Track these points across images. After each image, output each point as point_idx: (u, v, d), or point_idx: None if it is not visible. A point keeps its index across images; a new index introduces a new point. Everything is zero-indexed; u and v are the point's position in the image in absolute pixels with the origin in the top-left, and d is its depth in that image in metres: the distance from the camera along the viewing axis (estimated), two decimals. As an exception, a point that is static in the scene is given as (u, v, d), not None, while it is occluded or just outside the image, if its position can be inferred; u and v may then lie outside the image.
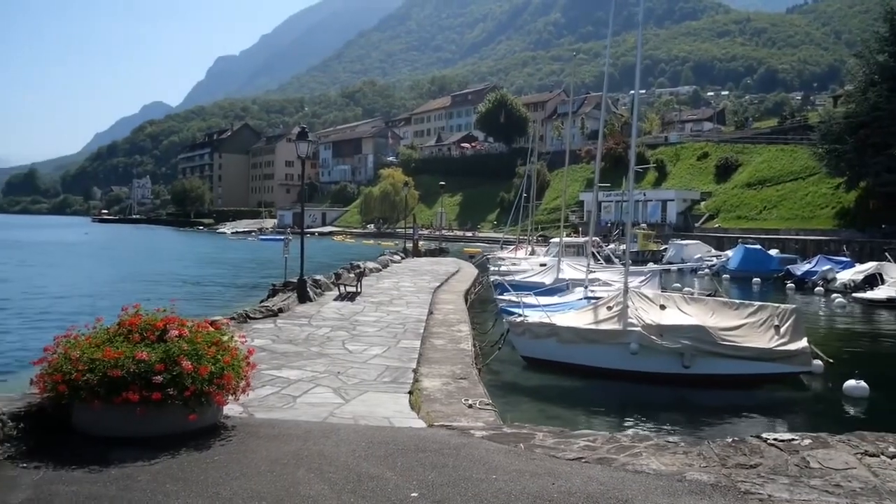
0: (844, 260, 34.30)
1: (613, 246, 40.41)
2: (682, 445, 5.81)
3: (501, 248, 44.70)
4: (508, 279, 22.37)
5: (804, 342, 12.63)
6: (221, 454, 5.37)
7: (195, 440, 5.57)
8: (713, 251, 44.26)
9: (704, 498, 4.59)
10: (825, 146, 47.52)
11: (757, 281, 34.35)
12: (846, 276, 30.82)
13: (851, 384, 12.11)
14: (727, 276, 36.35)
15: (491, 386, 10.68)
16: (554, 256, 28.03)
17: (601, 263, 26.46)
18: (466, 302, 20.47)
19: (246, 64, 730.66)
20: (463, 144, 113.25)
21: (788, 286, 32.77)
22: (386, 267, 29.83)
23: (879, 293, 27.23)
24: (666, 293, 16.83)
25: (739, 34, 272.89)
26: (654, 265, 31.34)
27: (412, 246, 42.51)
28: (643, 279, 20.62)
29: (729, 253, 40.93)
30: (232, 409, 6.55)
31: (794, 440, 5.65)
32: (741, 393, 12.63)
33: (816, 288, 31.31)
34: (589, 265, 21.62)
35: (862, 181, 46.34)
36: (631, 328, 12.90)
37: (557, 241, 30.12)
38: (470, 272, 30.15)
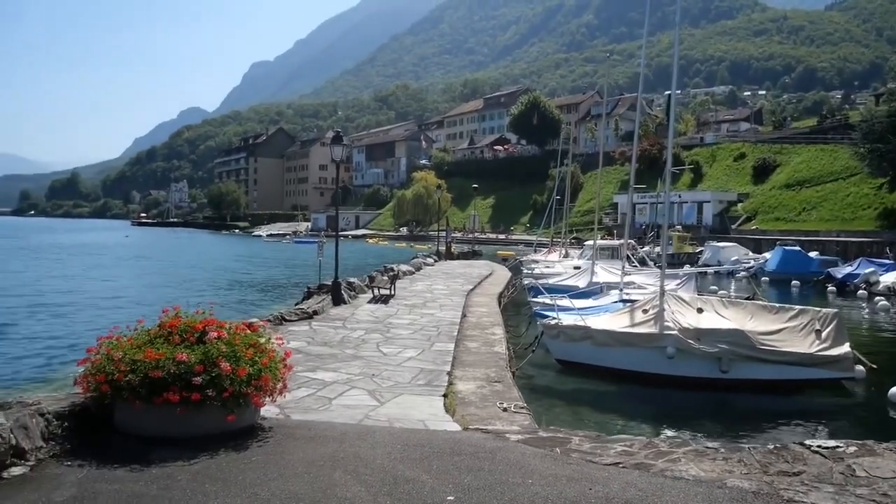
0: (888, 262, 33.32)
1: (648, 248, 39.92)
2: (721, 452, 5.71)
3: (535, 250, 44.51)
4: (542, 282, 22.23)
5: (846, 347, 12.30)
6: (259, 455, 5.43)
7: (233, 441, 5.64)
8: (750, 254, 43.43)
9: (746, 506, 4.50)
10: (867, 145, 46.41)
11: (796, 284, 33.62)
12: (889, 278, 29.95)
13: (896, 391, 11.76)
14: (765, 278, 35.60)
15: (525, 389, 10.61)
16: (588, 259, 27.79)
17: (635, 266, 26.17)
18: (500, 305, 20.41)
19: (281, 69, 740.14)
20: (495, 147, 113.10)
21: (829, 289, 31.97)
22: (419, 270, 29.91)
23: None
24: (703, 296, 16.55)
25: (776, 32, 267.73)
26: (689, 268, 30.86)
27: (445, 249, 42.57)
28: (679, 282, 20.29)
29: (767, 255, 40.13)
30: (269, 410, 6.62)
31: (838, 447, 5.51)
32: (781, 399, 12.35)
33: (858, 291, 30.46)
34: (623, 268, 21.41)
35: (905, 181, 45.18)
36: (667, 332, 12.70)
37: (591, 243, 29.87)
38: (503, 275, 30.07)
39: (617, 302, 17.88)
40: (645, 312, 13.78)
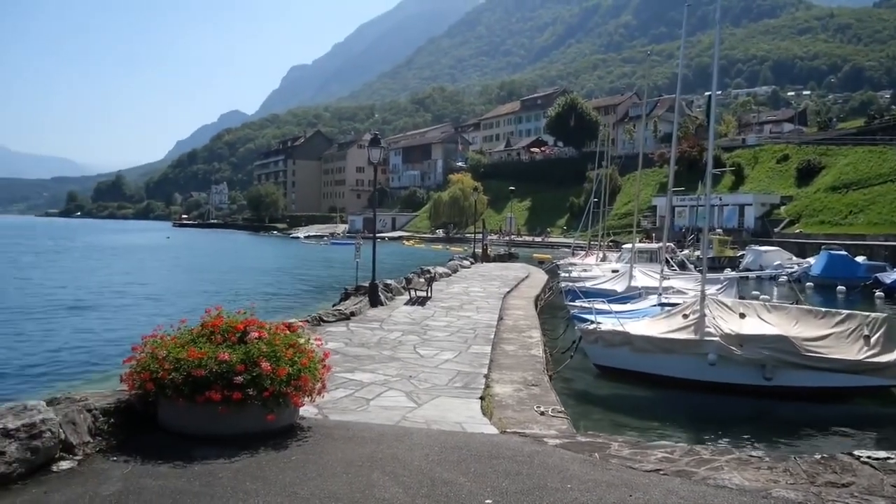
0: (940, 267, 32.29)
1: (687, 252, 39.29)
2: (766, 461, 5.57)
3: (572, 253, 44.16)
4: (579, 286, 22.04)
5: (896, 354, 11.92)
6: (298, 454, 5.48)
7: (273, 440, 5.71)
8: (794, 258, 42.38)
9: (793, 517, 4.39)
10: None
11: (842, 289, 32.69)
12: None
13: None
14: (810, 283, 34.73)
15: (562, 394, 10.53)
16: (626, 263, 27.46)
17: (675, 270, 25.77)
18: (536, 308, 20.29)
19: (318, 72, 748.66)
20: (532, 149, 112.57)
21: (877, 295, 31.06)
22: (455, 272, 29.92)
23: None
24: (745, 301, 16.21)
25: (822, 31, 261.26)
26: (730, 272, 30.27)
27: (481, 251, 42.50)
28: (719, 287, 19.94)
29: (811, 260, 39.13)
30: (307, 410, 6.68)
31: (889, 458, 5.33)
32: (828, 407, 12.01)
33: (908, 297, 29.58)
34: (662, 272, 21.12)
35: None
36: (709, 338, 12.46)
37: (629, 246, 29.51)
38: (540, 278, 29.90)
39: (656, 306, 17.63)
40: (685, 317, 13.53)
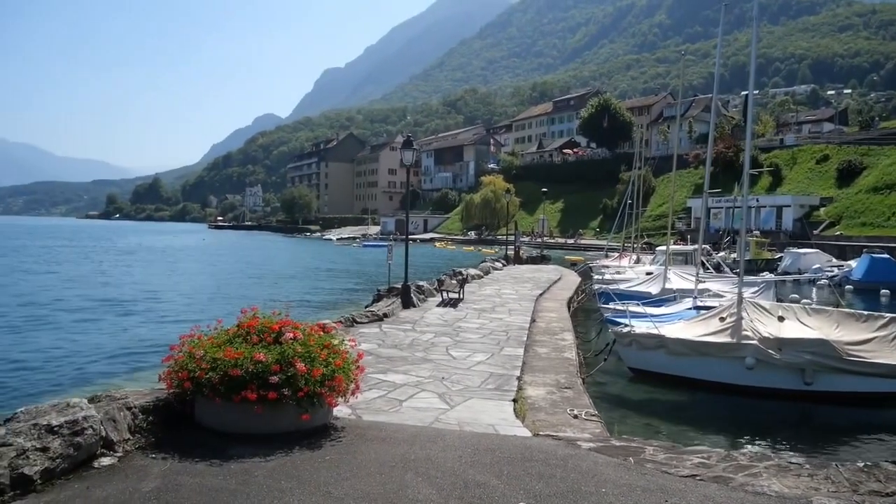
0: None
1: (723, 254, 38.63)
2: (806, 468, 5.45)
3: (606, 255, 43.77)
4: (613, 288, 21.84)
5: (943, 359, 11.57)
6: (332, 454, 5.52)
7: (307, 439, 5.76)
8: (834, 261, 41.40)
9: (835, 525, 4.29)
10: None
11: (885, 293, 31.82)
12: None
13: None
14: (850, 287, 33.91)
15: (595, 397, 10.43)
16: (660, 265, 27.12)
17: (710, 272, 25.37)
18: (569, 310, 20.15)
19: (351, 75, 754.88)
20: (565, 150, 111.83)
21: (922, 299, 30.21)
22: (487, 274, 29.86)
23: None
24: (784, 304, 15.88)
25: (864, 28, 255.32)
26: (768, 275, 29.71)
27: (513, 253, 42.33)
28: (756, 289, 19.59)
29: (852, 263, 38.20)
30: (341, 410, 6.73)
31: (936, 467, 5.18)
32: (870, 412, 11.71)
33: (955, 301, 28.70)
34: (698, 274, 20.81)
35: None
36: (746, 341, 12.24)
37: (664, 248, 29.14)
38: (572, 280, 29.69)
39: (691, 309, 17.38)
40: (722, 320, 13.32)
